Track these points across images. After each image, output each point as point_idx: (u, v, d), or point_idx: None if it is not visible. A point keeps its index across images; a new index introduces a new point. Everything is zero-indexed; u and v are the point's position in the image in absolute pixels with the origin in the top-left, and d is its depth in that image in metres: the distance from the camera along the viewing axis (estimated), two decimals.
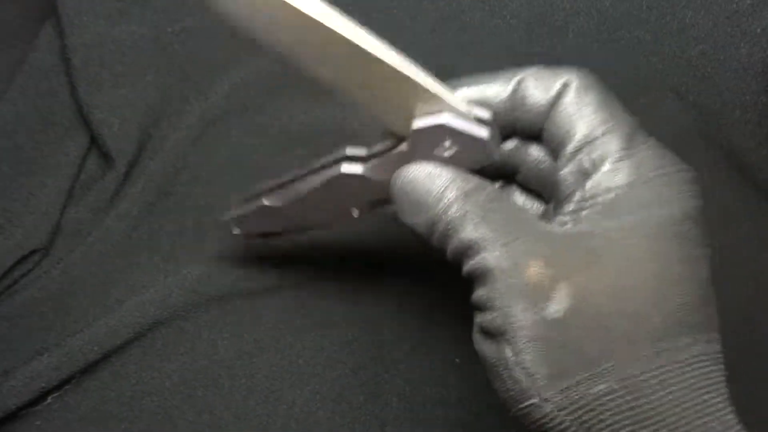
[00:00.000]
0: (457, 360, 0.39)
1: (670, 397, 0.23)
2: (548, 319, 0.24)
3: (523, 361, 0.24)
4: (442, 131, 0.28)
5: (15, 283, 0.39)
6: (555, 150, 0.28)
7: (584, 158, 0.26)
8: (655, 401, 0.23)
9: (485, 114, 0.29)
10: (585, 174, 0.26)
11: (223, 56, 0.46)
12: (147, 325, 0.38)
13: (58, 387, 0.36)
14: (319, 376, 0.38)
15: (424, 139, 0.28)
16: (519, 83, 0.28)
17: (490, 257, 0.25)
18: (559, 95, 0.27)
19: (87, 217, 0.41)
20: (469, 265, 0.26)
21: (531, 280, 0.25)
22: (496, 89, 0.29)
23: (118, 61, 0.44)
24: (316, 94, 0.46)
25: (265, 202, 0.34)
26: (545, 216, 0.29)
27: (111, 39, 0.44)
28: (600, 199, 0.25)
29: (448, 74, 0.47)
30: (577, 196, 0.26)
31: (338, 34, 0.25)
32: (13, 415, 0.36)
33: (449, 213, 0.26)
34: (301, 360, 0.39)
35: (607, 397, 0.23)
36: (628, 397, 0.23)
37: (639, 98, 0.45)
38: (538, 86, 0.28)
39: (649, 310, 0.24)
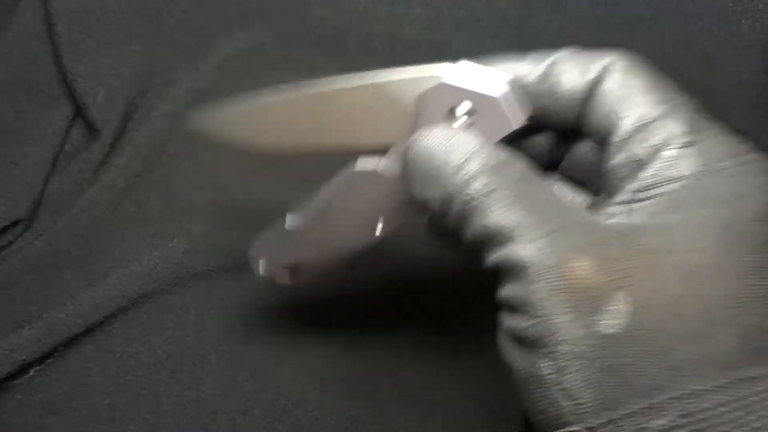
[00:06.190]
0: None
1: None
2: (601, 333, 0.20)
3: (565, 381, 0.21)
4: (445, 93, 0.25)
5: None
6: (600, 141, 0.24)
7: (637, 146, 0.23)
8: None
9: (501, 75, 0.25)
10: (639, 164, 0.23)
11: (214, 26, 0.45)
12: (132, 299, 0.37)
13: (40, 360, 0.36)
14: (308, 352, 0.38)
15: (429, 108, 0.25)
16: (551, 66, 0.25)
17: (526, 250, 0.21)
18: (599, 80, 0.24)
19: (71, 189, 0.41)
20: (495, 257, 0.22)
21: (581, 284, 0.21)
22: (526, 68, 0.25)
23: (104, 28, 0.43)
24: (310, 69, 0.45)
25: (287, 224, 0.30)
26: (593, 208, 0.25)
27: (97, 5, 0.43)
28: (661, 189, 0.22)
29: (443, 50, 0.46)
30: (633, 185, 0.22)
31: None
32: None
33: (472, 187, 0.23)
34: (290, 336, 0.38)
35: None
36: None
37: None
38: (573, 70, 0.24)
39: (719, 331, 0.20)
